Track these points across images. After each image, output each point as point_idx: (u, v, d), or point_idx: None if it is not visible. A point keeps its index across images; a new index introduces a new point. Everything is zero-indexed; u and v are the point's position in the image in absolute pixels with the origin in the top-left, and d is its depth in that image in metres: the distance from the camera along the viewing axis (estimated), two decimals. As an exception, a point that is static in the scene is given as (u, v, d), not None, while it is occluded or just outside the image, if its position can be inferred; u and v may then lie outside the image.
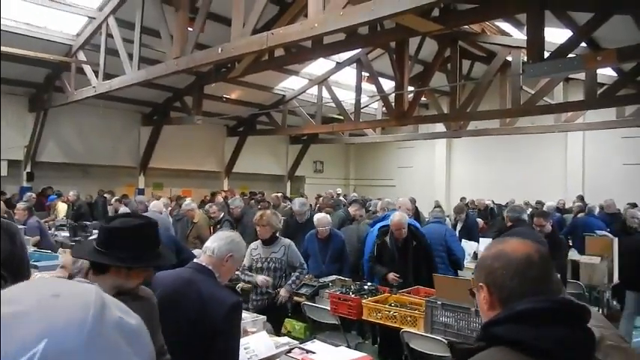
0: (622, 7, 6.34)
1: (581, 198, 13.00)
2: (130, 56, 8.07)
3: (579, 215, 9.52)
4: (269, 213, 4.54)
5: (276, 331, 3.86)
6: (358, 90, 12.27)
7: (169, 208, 8.43)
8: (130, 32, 8.22)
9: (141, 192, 14.11)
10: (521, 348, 1.05)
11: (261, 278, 4.33)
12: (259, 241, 4.51)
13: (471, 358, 1.11)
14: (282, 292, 4.38)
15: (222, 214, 7.51)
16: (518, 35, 10.19)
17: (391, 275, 4.88)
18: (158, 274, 2.41)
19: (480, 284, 1.26)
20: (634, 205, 10.27)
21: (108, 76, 8.89)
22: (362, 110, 13.12)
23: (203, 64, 6.86)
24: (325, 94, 13.39)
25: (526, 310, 1.09)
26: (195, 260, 2.34)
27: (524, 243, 1.24)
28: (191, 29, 6.94)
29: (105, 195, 12.08)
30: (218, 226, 7.19)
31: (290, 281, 4.48)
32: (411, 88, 10.95)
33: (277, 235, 4.60)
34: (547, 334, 1.05)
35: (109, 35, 8.78)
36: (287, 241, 4.62)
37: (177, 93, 13.33)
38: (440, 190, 18.35)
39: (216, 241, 2.41)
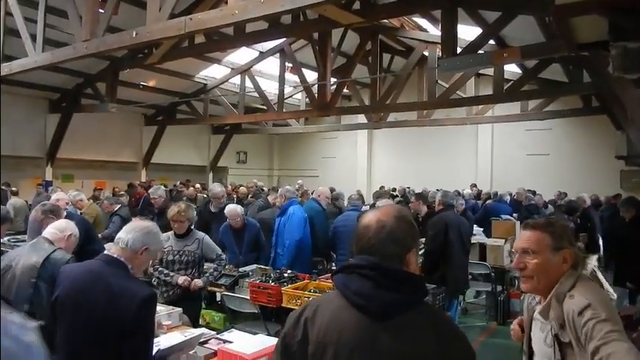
0: (525, 8, 6.79)
1: (473, 185, 14.30)
2: (33, 37, 7.42)
3: (488, 202, 10.17)
4: (184, 207, 4.34)
5: (192, 322, 3.72)
6: (282, 80, 12.19)
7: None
8: (33, 11, 7.56)
9: (48, 184, 13.13)
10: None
11: (182, 279, 4.13)
12: (171, 233, 4.33)
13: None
14: (198, 283, 4.20)
15: (118, 206, 7.19)
16: (434, 31, 10.63)
17: None
18: (64, 268, 2.24)
19: None
20: (533, 193, 11.22)
21: (8, 58, 8.13)
22: (285, 101, 13.08)
23: (115, 48, 6.46)
24: (248, 83, 13.19)
25: (346, 264, 1.42)
26: (105, 252, 2.20)
27: (375, 213, 1.44)
28: (102, 11, 6.52)
29: (3, 187, 11.07)
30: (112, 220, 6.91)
31: (208, 273, 4.35)
32: (333, 80, 11.08)
33: (192, 227, 4.45)
34: (347, 282, 1.35)
35: (8, 13, 8.03)
36: (201, 234, 4.46)
37: (88, 79, 12.48)
38: (362, 179, 18.83)
39: (131, 233, 2.24)
